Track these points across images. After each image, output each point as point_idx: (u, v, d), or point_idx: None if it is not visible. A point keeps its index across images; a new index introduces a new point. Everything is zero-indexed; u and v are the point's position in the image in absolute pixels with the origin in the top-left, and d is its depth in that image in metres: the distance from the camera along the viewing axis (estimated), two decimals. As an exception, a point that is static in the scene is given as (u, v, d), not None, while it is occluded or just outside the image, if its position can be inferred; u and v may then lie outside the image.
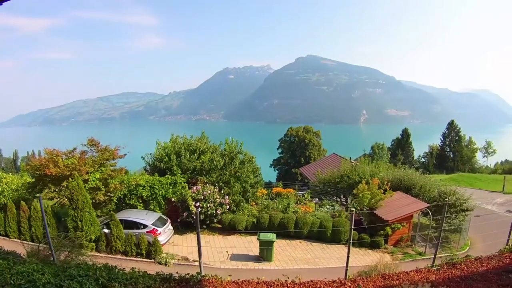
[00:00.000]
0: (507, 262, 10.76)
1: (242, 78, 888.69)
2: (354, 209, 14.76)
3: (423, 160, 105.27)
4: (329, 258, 23.02)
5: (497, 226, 25.43)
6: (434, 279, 9.51)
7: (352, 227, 14.28)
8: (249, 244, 24.09)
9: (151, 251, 20.46)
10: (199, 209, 24.21)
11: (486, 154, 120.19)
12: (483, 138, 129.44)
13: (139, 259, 20.35)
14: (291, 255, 22.92)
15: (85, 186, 21.17)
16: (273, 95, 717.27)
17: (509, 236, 17.02)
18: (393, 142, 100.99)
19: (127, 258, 20.24)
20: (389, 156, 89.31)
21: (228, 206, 26.19)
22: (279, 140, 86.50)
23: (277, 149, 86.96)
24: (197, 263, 17.74)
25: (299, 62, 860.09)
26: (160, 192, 25.35)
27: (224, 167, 27.65)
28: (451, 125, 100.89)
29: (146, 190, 25.18)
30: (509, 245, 13.60)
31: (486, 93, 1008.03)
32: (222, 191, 26.27)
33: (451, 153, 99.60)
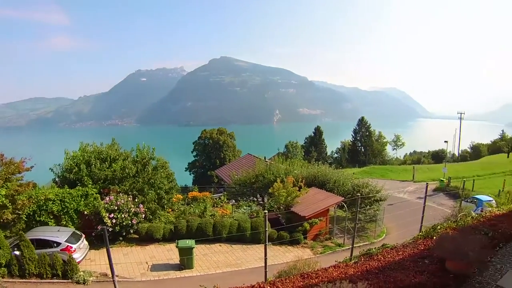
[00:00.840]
0: (422, 248, 10.97)
1: (155, 81, 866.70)
2: (266, 211, 14.59)
3: (336, 155, 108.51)
4: (251, 259, 22.96)
5: (411, 213, 26.40)
6: (352, 273, 9.51)
7: (267, 229, 14.10)
8: (169, 253, 23.40)
9: (67, 270, 18.92)
10: (114, 221, 23.29)
11: (395, 147, 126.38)
12: (392, 132, 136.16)
13: (56, 280, 18.84)
14: (212, 260, 22.57)
15: (-11, 206, 19.48)
16: (187, 97, 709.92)
17: (421, 223, 17.56)
18: (306, 140, 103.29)
19: (42, 280, 18.67)
20: (303, 154, 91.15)
21: (143, 215, 25.29)
22: (193, 143, 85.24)
23: (192, 152, 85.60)
24: (117, 278, 16.98)
25: (213, 64, 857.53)
26: (72, 205, 23.58)
27: (137, 175, 26.71)
28: (361, 122, 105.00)
29: (57, 204, 23.31)
30: (423, 231, 13.96)
31: (394, 91, 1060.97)
32: (136, 200, 25.35)
33: (362, 147, 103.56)
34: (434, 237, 11.62)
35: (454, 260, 8.64)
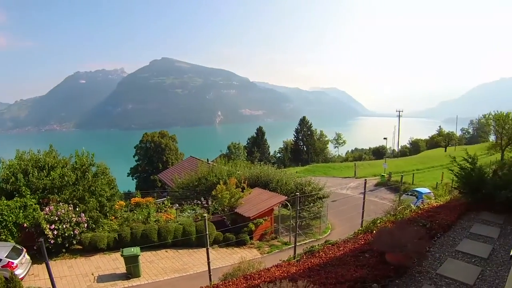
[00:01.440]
0: (362, 243, 11.20)
1: (95, 83, 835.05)
2: (206, 215, 14.49)
3: (279, 155, 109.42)
4: (198, 263, 22.64)
5: (354, 208, 26.94)
6: (294, 271, 9.58)
7: (208, 232, 14.01)
8: (115, 262, 22.56)
9: None
10: (55, 232, 22.49)
11: (337, 145, 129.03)
12: (333, 131, 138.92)
13: None
14: (159, 266, 22.14)
15: None
16: (127, 100, 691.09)
17: (362, 218, 17.94)
18: (249, 141, 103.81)
19: None
20: (246, 155, 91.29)
21: (86, 224, 24.30)
22: (135, 147, 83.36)
23: (134, 156, 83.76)
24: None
25: (154, 65, 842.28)
26: (10, 218, 22.17)
27: (76, 182, 25.67)
28: (303, 121, 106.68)
29: None
30: (363, 226, 14.25)
31: (335, 90, 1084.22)
32: (77, 209, 24.28)
33: (304, 146, 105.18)
34: (374, 231, 11.91)
35: (393, 252, 8.87)
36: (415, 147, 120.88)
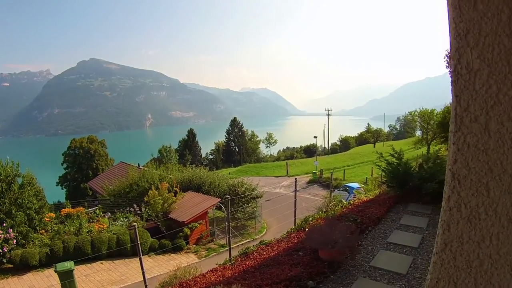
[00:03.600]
0: (295, 241, 11.33)
1: (19, 86, 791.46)
2: (135, 224, 14.30)
3: (211, 157, 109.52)
4: (135, 272, 22.02)
5: (288, 206, 27.27)
6: (230, 275, 9.58)
7: (138, 242, 13.80)
8: (49, 279, 21.42)
9: None
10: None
11: (268, 145, 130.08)
12: (265, 130, 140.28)
13: None
14: (95, 280, 21.35)
15: None
16: (54, 104, 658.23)
17: (295, 216, 18.22)
18: (180, 144, 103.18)
19: None
20: (178, 158, 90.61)
21: (15, 241, 23.24)
22: (63, 154, 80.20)
23: (62, 164, 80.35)
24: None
25: (81, 66, 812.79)
26: None
27: (2, 195, 24.56)
28: (234, 122, 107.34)
29: None
30: (296, 224, 14.48)
31: (265, 91, 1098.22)
32: (4, 224, 23.24)
33: (236, 147, 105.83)
34: (306, 229, 12.11)
35: (325, 249, 9.04)
36: (345, 144, 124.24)
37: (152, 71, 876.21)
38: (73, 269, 19.31)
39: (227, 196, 19.56)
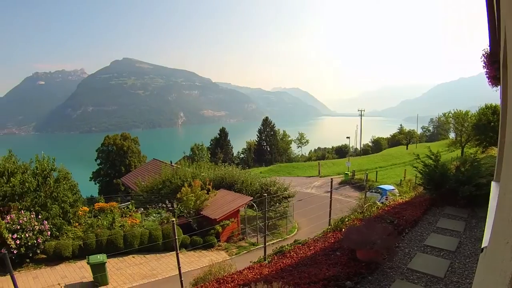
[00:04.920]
0: (332, 241, 11.26)
1: (54, 84, 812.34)
2: (174, 219, 14.33)
3: (242, 156, 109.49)
4: (166, 267, 22.35)
5: (320, 207, 27.04)
6: (267, 273, 9.55)
7: (176, 237, 13.78)
8: (81, 271, 21.82)
9: None
10: (18, 241, 21.81)
11: (300, 145, 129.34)
12: (296, 130, 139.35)
13: None
14: (127, 273, 21.64)
15: None
16: (88, 102, 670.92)
17: (330, 216, 18.05)
18: (212, 142, 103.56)
19: None
20: (209, 156, 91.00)
21: (49, 232, 23.63)
22: (96, 151, 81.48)
23: (96, 160, 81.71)
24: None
25: (115, 66, 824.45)
26: None
27: (38, 189, 24.91)
28: (266, 121, 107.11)
29: None
30: (332, 224, 14.35)
31: (297, 91, 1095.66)
32: (39, 216, 23.44)
33: (268, 146, 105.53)
34: (343, 229, 11.99)
35: (363, 249, 8.95)
36: (377, 145, 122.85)
37: (184, 71, 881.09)
38: (106, 262, 19.67)
39: (264, 194, 19.50)
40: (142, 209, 32.11)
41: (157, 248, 24.69)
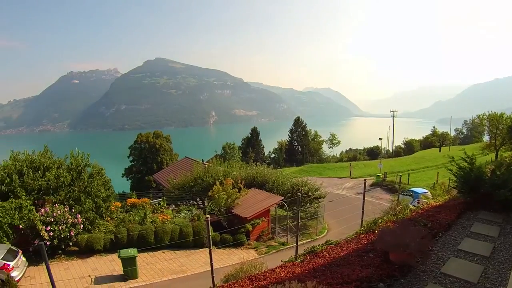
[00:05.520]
0: (365, 242, 11.21)
1: (88, 83, 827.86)
2: (208, 216, 14.42)
3: (273, 155, 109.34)
4: (195, 264, 22.60)
5: (350, 209, 26.88)
6: (300, 272, 9.56)
7: (210, 234, 13.85)
8: (111, 264, 22.38)
9: None
10: (51, 233, 22.24)
11: (331, 145, 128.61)
12: (327, 131, 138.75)
13: None
14: (156, 268, 21.99)
15: None
16: (121, 100, 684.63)
17: (362, 218, 17.91)
18: (243, 141, 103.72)
19: None
20: (241, 155, 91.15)
21: (82, 226, 24.06)
22: (129, 148, 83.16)
23: (128, 157, 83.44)
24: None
25: (147, 65, 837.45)
26: (6, 219, 21.73)
27: (72, 183, 25.50)
28: (297, 121, 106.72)
29: None
30: (364, 226, 14.24)
31: (329, 91, 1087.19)
32: (73, 210, 24.02)
33: (299, 146, 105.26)
34: (376, 231, 11.90)
35: (396, 252, 8.86)
36: (409, 147, 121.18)
37: (216, 70, 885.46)
38: (136, 256, 19.98)
39: (298, 194, 19.45)
40: (174, 205, 32.41)
41: (187, 245, 24.96)
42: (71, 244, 23.44)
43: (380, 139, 79.39)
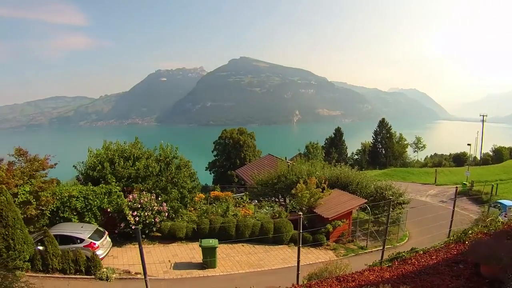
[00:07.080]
0: (455, 253, 10.87)
1: (175, 81, 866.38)
2: (301, 212, 14.49)
3: (356, 157, 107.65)
4: (273, 260, 22.90)
5: (433, 218, 26.07)
6: (388, 276, 9.46)
7: (301, 231, 13.95)
8: (191, 252, 23.38)
9: (90, 266, 18.95)
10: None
11: (416, 149, 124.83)
12: (412, 133, 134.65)
13: (79, 276, 18.82)
14: (234, 260, 22.54)
15: (14, 201, 19.07)
16: (206, 97, 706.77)
17: (450, 227, 17.35)
18: (326, 141, 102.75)
19: (65, 276, 18.64)
20: (324, 155, 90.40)
21: (166, 214, 25.32)
22: (213, 143, 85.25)
23: (212, 151, 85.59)
24: (139, 276, 17.10)
25: (232, 64, 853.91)
26: (95, 202, 23.65)
27: (160, 173, 26.87)
28: (382, 123, 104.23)
29: (80, 201, 23.29)
30: (454, 236, 13.82)
31: (414, 92, 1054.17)
32: (159, 198, 25.41)
33: (383, 149, 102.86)
34: (466, 242, 11.50)
35: (488, 265, 8.52)
36: (498, 155, 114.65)
37: (300, 69, 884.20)
38: (217, 247, 20.80)
39: (381, 197, 19.18)
40: (256, 201, 32.75)
41: (266, 240, 25.29)
42: (155, 229, 24.84)
43: (468, 144, 76.23)
